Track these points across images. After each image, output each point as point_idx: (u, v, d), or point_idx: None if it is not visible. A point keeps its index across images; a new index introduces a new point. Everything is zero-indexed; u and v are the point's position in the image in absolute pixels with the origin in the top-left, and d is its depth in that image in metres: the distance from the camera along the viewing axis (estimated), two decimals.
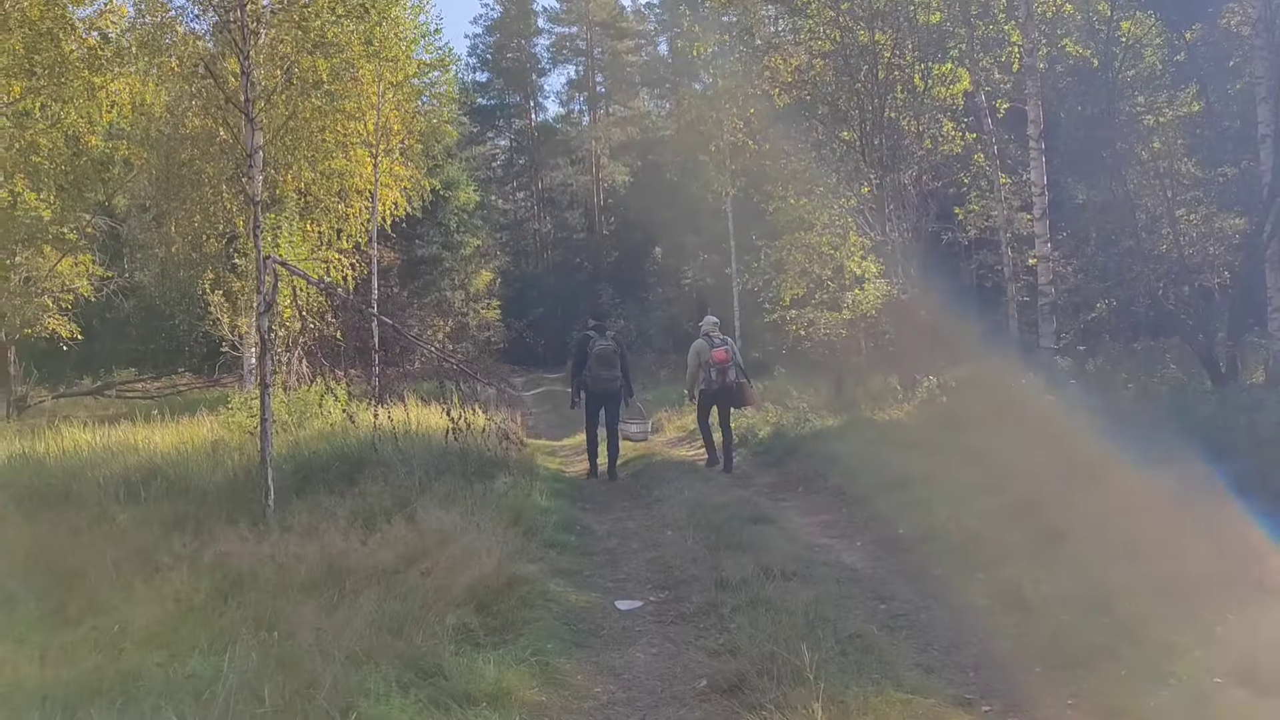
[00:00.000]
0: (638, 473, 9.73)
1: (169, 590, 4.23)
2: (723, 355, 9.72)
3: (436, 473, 8.29)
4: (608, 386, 9.69)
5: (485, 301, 39.70)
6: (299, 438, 9.59)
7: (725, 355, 9.75)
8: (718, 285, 31.98)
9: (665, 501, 8.03)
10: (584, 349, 9.84)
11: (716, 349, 9.74)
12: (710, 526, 6.56)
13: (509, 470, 8.86)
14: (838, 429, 10.76)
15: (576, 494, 8.93)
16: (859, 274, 15.12)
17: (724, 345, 9.87)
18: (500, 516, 6.57)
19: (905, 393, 12.86)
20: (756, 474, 9.58)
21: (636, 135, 52.02)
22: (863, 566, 5.65)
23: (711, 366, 9.65)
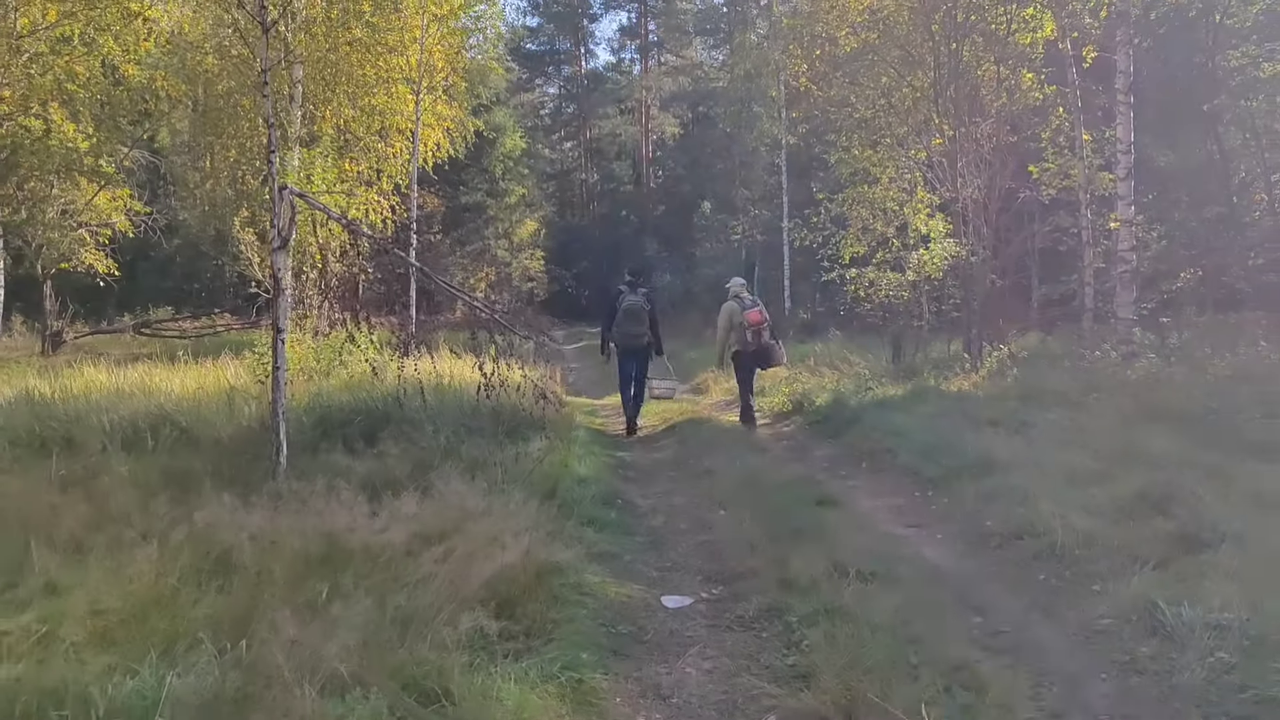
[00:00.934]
0: (684, 439, 8.97)
1: (138, 569, 3.55)
2: (757, 316, 9.63)
3: (467, 432, 7.61)
4: (635, 342, 9.77)
5: (529, 252, 38.97)
6: (322, 387, 8.94)
7: (760, 316, 9.65)
8: (768, 242, 30.95)
9: (715, 474, 7.27)
10: (614, 304, 9.88)
11: (750, 310, 9.63)
12: (769, 508, 5.80)
13: (545, 431, 8.16)
14: (901, 399, 9.90)
15: (618, 460, 8.20)
16: (924, 233, 14.14)
17: (756, 306, 9.76)
18: (532, 488, 5.86)
19: (972, 361, 11.94)
20: (814, 445, 8.78)
21: (688, 86, 50.62)
22: (949, 566, 4.85)
23: (747, 329, 9.52)
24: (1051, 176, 14.29)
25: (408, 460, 6.31)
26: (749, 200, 30.96)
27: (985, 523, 5.47)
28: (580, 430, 9.07)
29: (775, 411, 10.77)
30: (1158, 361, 10.92)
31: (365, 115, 16.84)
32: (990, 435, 7.41)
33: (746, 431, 9.21)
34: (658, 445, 9.11)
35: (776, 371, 14.39)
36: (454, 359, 9.81)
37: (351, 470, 5.94)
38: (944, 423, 8.25)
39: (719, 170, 33.98)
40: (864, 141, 14.02)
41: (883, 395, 10.09)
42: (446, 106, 17.77)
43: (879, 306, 13.98)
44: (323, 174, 13.05)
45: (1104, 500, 5.30)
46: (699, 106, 49.00)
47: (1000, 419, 8.12)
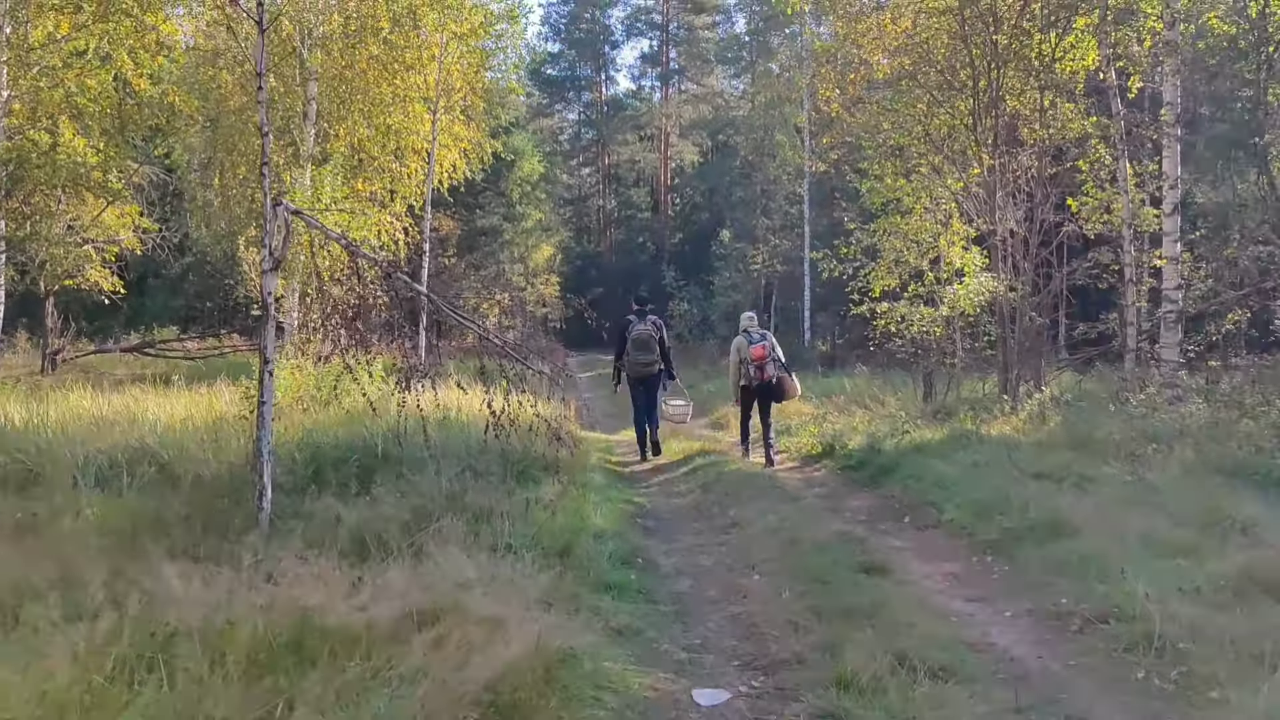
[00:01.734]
0: (708, 484, 8.29)
1: (57, 661, 2.91)
2: (760, 352, 9.58)
3: (473, 475, 6.97)
4: (645, 371, 9.88)
5: (544, 277, 38.49)
6: (319, 420, 8.33)
7: (763, 352, 9.60)
8: (788, 272, 30.34)
9: (745, 527, 6.60)
10: (623, 333, 9.96)
11: (754, 345, 9.63)
12: (809, 574, 5.12)
13: (558, 474, 7.51)
14: (939, 444, 9.21)
15: (636, 508, 7.52)
16: (959, 267, 13.49)
17: (762, 341, 9.73)
18: (545, 546, 5.20)
19: (1011, 403, 11.24)
20: (848, 494, 8.08)
21: (708, 114, 50.36)
22: (1028, 657, 4.15)
23: (750, 364, 9.54)
24: (1091, 211, 13.65)
25: (406, 508, 5.66)
26: (769, 229, 30.39)
27: (1059, 599, 4.77)
28: (596, 472, 8.42)
29: (804, 454, 10.09)
30: (1205, 407, 10.23)
31: (380, 134, 16.39)
32: (1047, 491, 6.71)
33: (771, 476, 8.52)
34: (677, 489, 8.44)
35: (800, 408, 13.77)
36: (463, 391, 9.21)
37: (342, 520, 5.29)
38: (991, 474, 7.55)
39: (738, 199, 33.46)
40: (897, 170, 13.40)
41: (919, 439, 9.40)
42: (464, 127, 17.28)
43: (910, 342, 13.30)
44: (331, 192, 12.52)
45: (1200, 578, 4.60)
46: (719, 135, 48.71)
47: (1053, 472, 7.42)
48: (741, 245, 31.88)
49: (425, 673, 3.12)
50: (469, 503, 5.94)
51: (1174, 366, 12.64)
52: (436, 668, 3.14)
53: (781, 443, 11.05)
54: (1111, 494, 6.42)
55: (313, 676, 3.08)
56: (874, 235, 13.49)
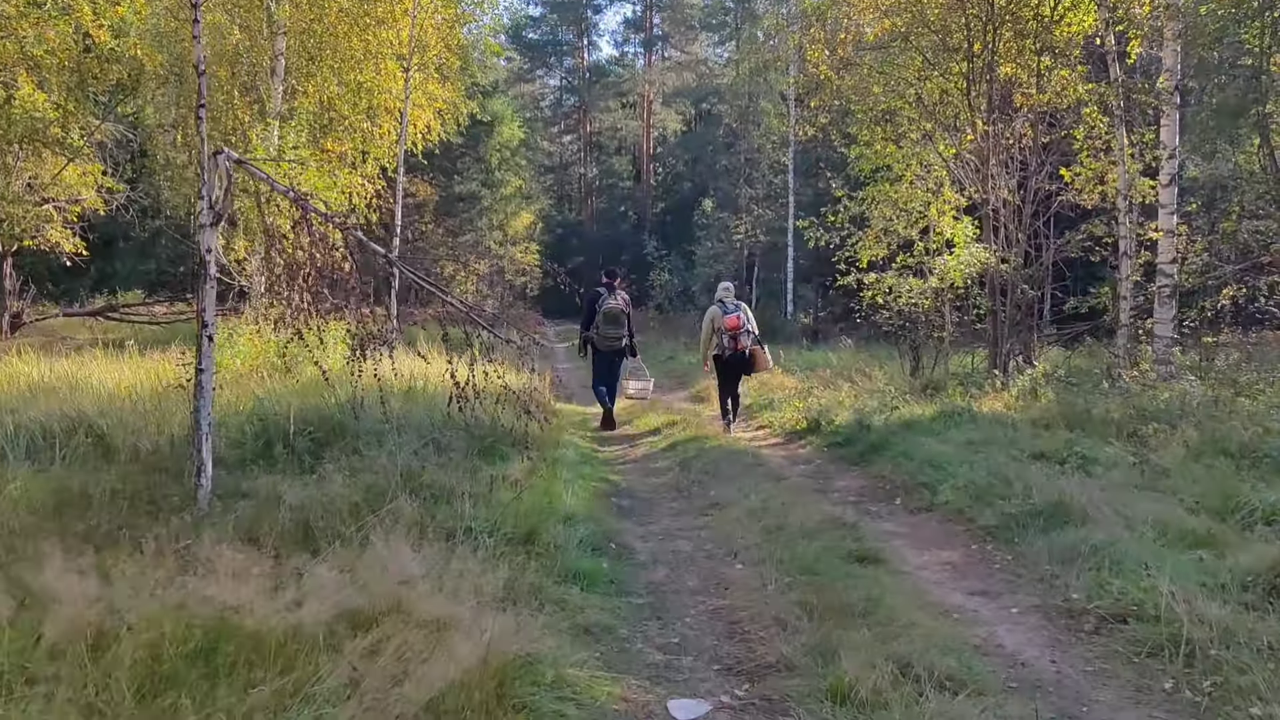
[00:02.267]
0: (687, 461, 7.84)
1: None
2: (735, 322, 9.56)
3: (436, 449, 6.51)
4: (614, 344, 10.05)
5: (523, 245, 37.80)
6: (276, 389, 7.81)
7: (737, 322, 9.58)
8: (771, 243, 29.86)
9: (726, 508, 6.16)
10: (593, 306, 10.10)
11: (729, 315, 9.62)
12: (796, 564, 4.69)
13: (528, 449, 7.06)
14: (930, 420, 8.81)
15: (611, 486, 7.07)
16: (949, 237, 13.06)
17: (737, 311, 9.71)
18: (507, 529, 4.74)
19: (1002, 378, 10.86)
20: (836, 473, 7.66)
21: (692, 81, 49.61)
22: (1042, 662, 3.74)
23: (724, 333, 9.53)
24: (1085, 182, 13.21)
25: (358, 487, 5.18)
26: (753, 199, 29.87)
27: (1070, 594, 4.37)
28: (569, 447, 7.96)
29: (788, 430, 9.67)
30: (1199, 385, 9.89)
31: (351, 92, 15.73)
32: (1048, 473, 6.30)
33: (755, 453, 8.08)
34: (655, 466, 7.99)
35: (783, 381, 13.36)
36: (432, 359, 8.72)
37: (284, 501, 4.81)
38: (987, 454, 7.15)
39: (722, 168, 32.88)
40: (887, 136, 12.92)
41: (909, 416, 8.99)
42: (439, 86, 16.62)
43: (897, 315, 12.88)
44: (293, 150, 11.92)
45: (1225, 574, 4.20)
46: (702, 103, 47.99)
47: (1053, 452, 7.03)
48: (724, 215, 31.36)
49: (356, 687, 2.66)
50: (428, 481, 5.47)
51: (1167, 343, 12.30)
52: (369, 681, 2.68)
53: (764, 417, 10.64)
54: (1118, 477, 6.02)
55: (221, 692, 2.62)
56: (862, 203, 13.01)
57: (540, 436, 7.72)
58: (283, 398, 7.20)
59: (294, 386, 8.13)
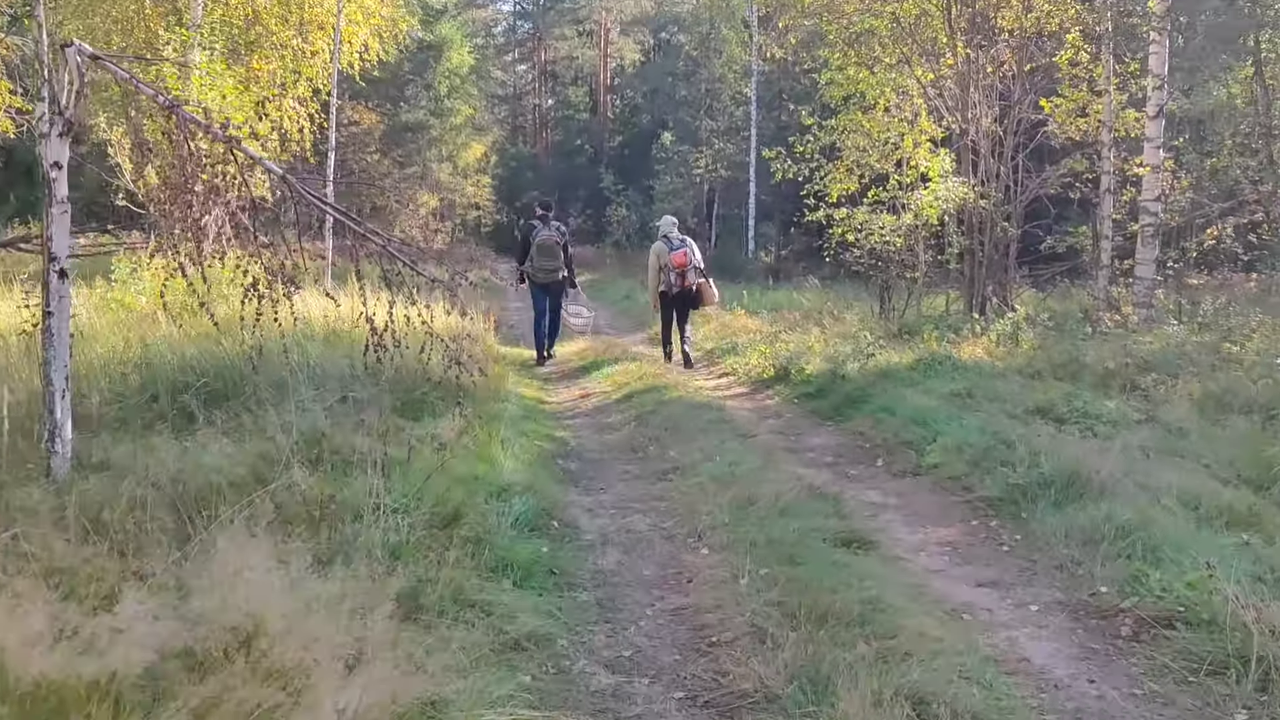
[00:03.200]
0: (645, 415, 7.03)
1: None
2: (681, 258, 9.38)
3: (355, 405, 5.64)
4: (550, 277, 9.81)
5: (475, 178, 36.37)
6: (176, 334, 6.85)
7: (684, 258, 9.40)
8: (732, 178, 28.88)
9: (688, 473, 5.38)
10: (527, 239, 9.90)
11: (675, 251, 9.43)
12: (772, 549, 3.92)
13: (463, 404, 6.20)
14: (909, 369, 8.07)
15: (557, 445, 6.25)
16: (924, 170, 12.24)
17: (683, 247, 9.54)
18: (428, 507, 3.92)
19: (982, 322, 10.17)
20: (809, 429, 6.91)
21: (651, 9, 47.83)
22: (1078, 683, 3.02)
23: (671, 270, 9.35)
24: (1065, 115, 12.41)
25: (248, 454, 4.31)
26: (713, 132, 28.78)
27: (1099, 587, 3.66)
28: (511, 399, 7.11)
29: (754, 378, 8.89)
30: (1183, 330, 9.31)
31: (279, 4, 14.41)
32: (1050, 433, 5.60)
33: (720, 407, 7.28)
34: (608, 421, 7.17)
35: (747, 323, 12.59)
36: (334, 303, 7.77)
37: (151, 474, 3.93)
38: (977, 409, 6.45)
39: (681, 98, 31.68)
40: (861, 60, 11.99)
41: (886, 363, 8.25)
42: (376, 1, 15.30)
43: (868, 253, 12.10)
44: (205, 74, 10.74)
45: None
46: (661, 32, 46.35)
47: (1049, 407, 6.33)
48: (684, 149, 30.26)
49: None
50: (336, 446, 4.61)
51: (1149, 284, 11.69)
52: None
53: (728, 363, 9.87)
54: (1130, 439, 5.31)
55: None
56: (833, 133, 12.11)
57: (481, 387, 6.87)
58: (180, 344, 6.25)
59: (203, 330, 7.17)
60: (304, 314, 7.33)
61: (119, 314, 8.29)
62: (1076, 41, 11.90)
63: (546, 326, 10.12)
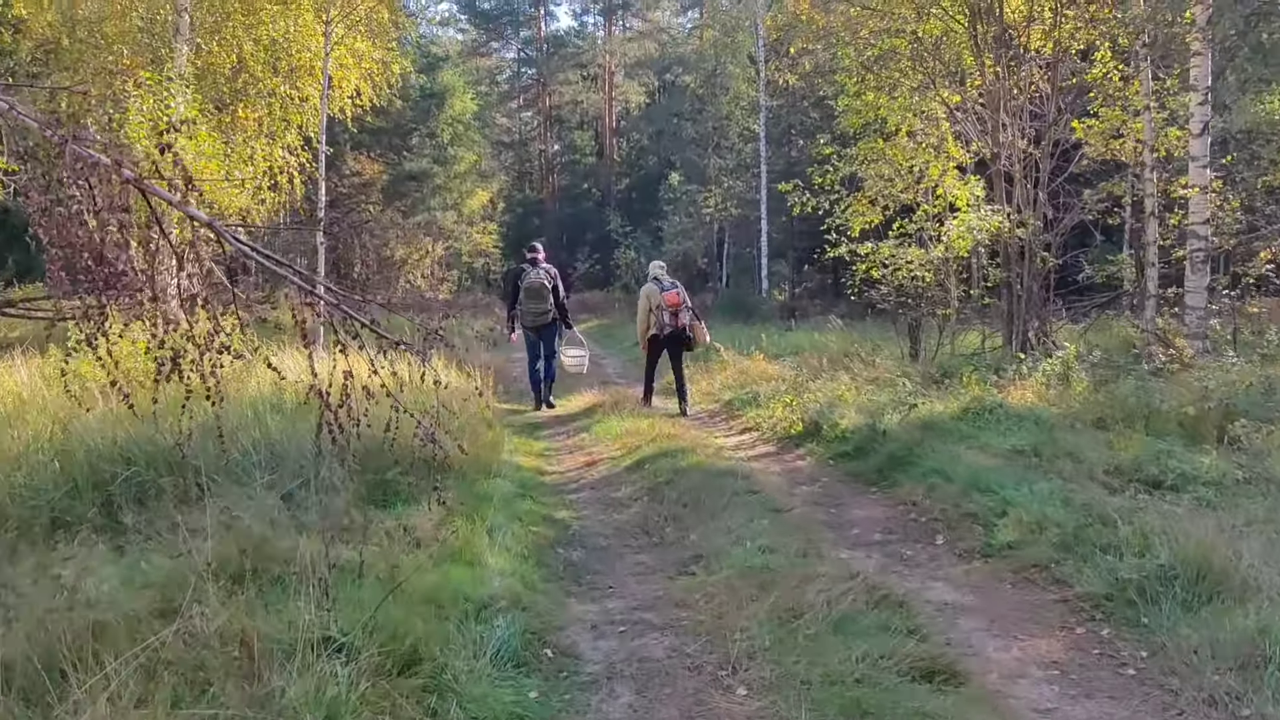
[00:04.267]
0: (659, 486, 6.08)
1: None
2: (675, 298, 9.36)
3: (319, 491, 4.75)
4: (540, 320, 9.70)
5: (481, 225, 35.76)
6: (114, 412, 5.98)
7: (677, 298, 9.38)
8: (743, 217, 28.12)
9: (713, 565, 4.44)
10: (516, 283, 9.83)
11: (668, 292, 9.41)
12: (833, 694, 2.98)
13: (448, 483, 5.30)
14: (956, 420, 7.12)
15: (557, 531, 5.30)
16: (952, 200, 11.38)
17: (674, 288, 9.52)
18: (383, 640, 3.00)
19: (1029, 362, 9.22)
20: (851, 498, 5.95)
21: (655, 51, 47.62)
22: None
23: (664, 310, 9.30)
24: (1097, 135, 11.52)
25: (159, 573, 3.41)
26: (722, 170, 28.07)
27: None
28: (506, 474, 6.18)
29: (781, 434, 7.93)
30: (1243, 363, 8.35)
31: (264, 50, 13.76)
32: (1152, 503, 4.64)
33: (747, 476, 6.30)
34: (618, 494, 6.21)
35: (766, 369, 11.69)
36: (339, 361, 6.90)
37: (22, 612, 3.02)
38: (1048, 468, 5.50)
39: (689, 136, 31.05)
40: (880, 84, 11.18)
41: (929, 414, 7.30)
42: (367, 42, 14.64)
43: (895, 290, 11.20)
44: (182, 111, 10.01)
45: None
46: (666, 74, 46.04)
47: (1137, 467, 5.36)
48: (692, 188, 29.58)
49: None
50: (273, 552, 3.70)
51: (1201, 314, 10.75)
52: None
53: (750, 416, 8.94)
54: (1254, 511, 4.34)
55: None
56: (853, 163, 11.26)
57: (468, 460, 5.97)
58: (114, 425, 5.36)
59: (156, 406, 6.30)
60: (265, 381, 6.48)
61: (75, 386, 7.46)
62: (1106, 59, 11.07)
63: (542, 371, 9.94)
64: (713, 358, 12.93)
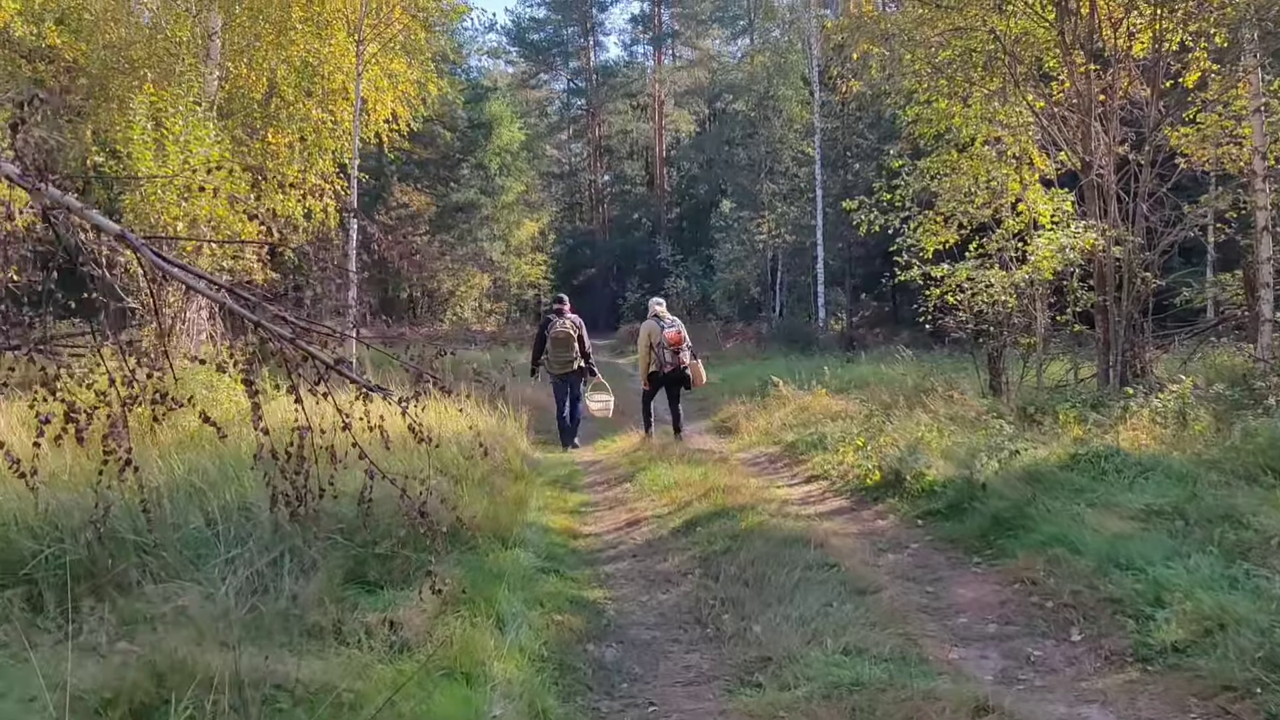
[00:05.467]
0: (711, 556, 5.02)
1: None
2: (675, 336, 9.37)
3: (299, 573, 3.83)
4: (566, 369, 9.92)
5: (529, 256, 35.15)
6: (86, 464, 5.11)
7: (678, 337, 9.40)
8: (797, 244, 27.03)
9: (785, 674, 3.40)
10: (543, 332, 10.09)
11: (668, 330, 9.39)
12: None
13: (458, 550, 4.35)
14: (1064, 468, 5.99)
15: (589, 614, 4.29)
16: (1037, 216, 10.24)
17: (675, 326, 9.51)
18: None
19: (1140, 398, 8.03)
20: (950, 572, 4.86)
21: (705, 79, 46.91)
22: None
23: (665, 348, 9.32)
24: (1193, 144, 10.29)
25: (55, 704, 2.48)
26: (775, 195, 27.05)
27: None
28: (530, 539, 5.19)
29: (855, 485, 6.85)
30: None
31: (294, 72, 13.14)
32: None
33: (822, 543, 5.22)
34: (665, 568, 5.13)
35: (829, 404, 10.62)
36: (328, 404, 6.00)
37: None
38: (1204, 536, 4.38)
39: (741, 161, 30.10)
40: (955, 89, 10.13)
41: (1033, 461, 6.18)
42: (402, 64, 13.95)
43: (974, 316, 10.08)
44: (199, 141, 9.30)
45: None
46: (716, 101, 45.28)
47: None
48: (744, 215, 28.59)
49: None
50: (196, 674, 2.75)
51: None
52: None
53: (816, 462, 7.87)
54: None
55: None
56: (927, 177, 10.18)
57: (488, 519, 5.01)
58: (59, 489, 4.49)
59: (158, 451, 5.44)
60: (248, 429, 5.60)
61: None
62: (1203, 59, 9.92)
63: (568, 417, 10.12)
64: (769, 393, 11.88)
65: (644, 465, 7.70)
